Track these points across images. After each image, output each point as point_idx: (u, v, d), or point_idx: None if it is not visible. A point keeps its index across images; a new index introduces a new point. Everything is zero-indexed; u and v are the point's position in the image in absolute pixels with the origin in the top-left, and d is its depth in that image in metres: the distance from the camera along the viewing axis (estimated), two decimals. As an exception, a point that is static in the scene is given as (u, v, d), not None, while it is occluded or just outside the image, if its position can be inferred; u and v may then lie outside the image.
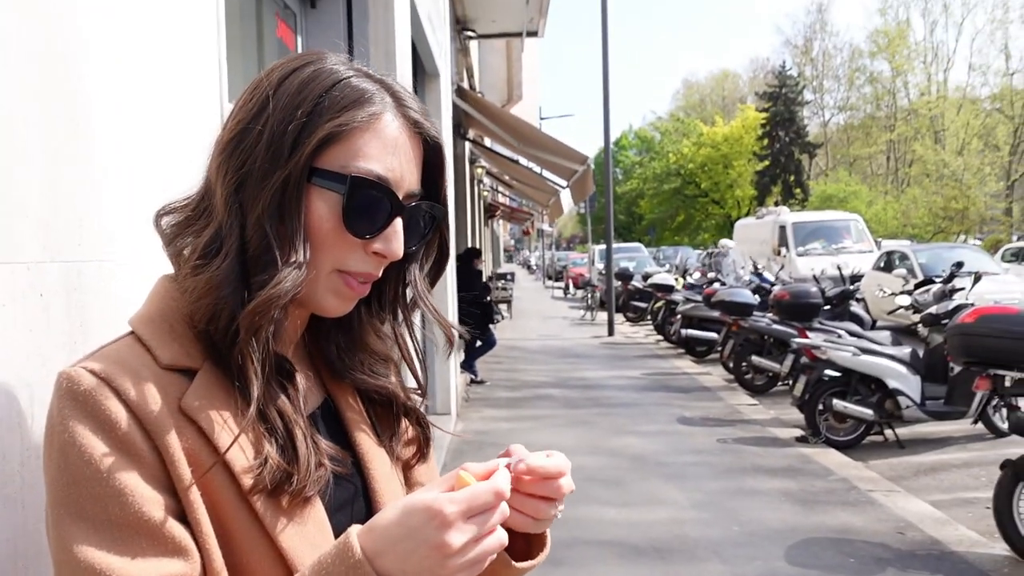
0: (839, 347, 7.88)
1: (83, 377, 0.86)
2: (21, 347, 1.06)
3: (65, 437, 0.84)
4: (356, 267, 0.98)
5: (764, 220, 22.70)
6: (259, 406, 0.91)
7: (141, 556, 0.83)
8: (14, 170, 1.05)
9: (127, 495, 0.83)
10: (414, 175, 1.02)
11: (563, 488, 0.96)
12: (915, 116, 51.34)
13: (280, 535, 0.91)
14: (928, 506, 5.96)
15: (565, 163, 11.68)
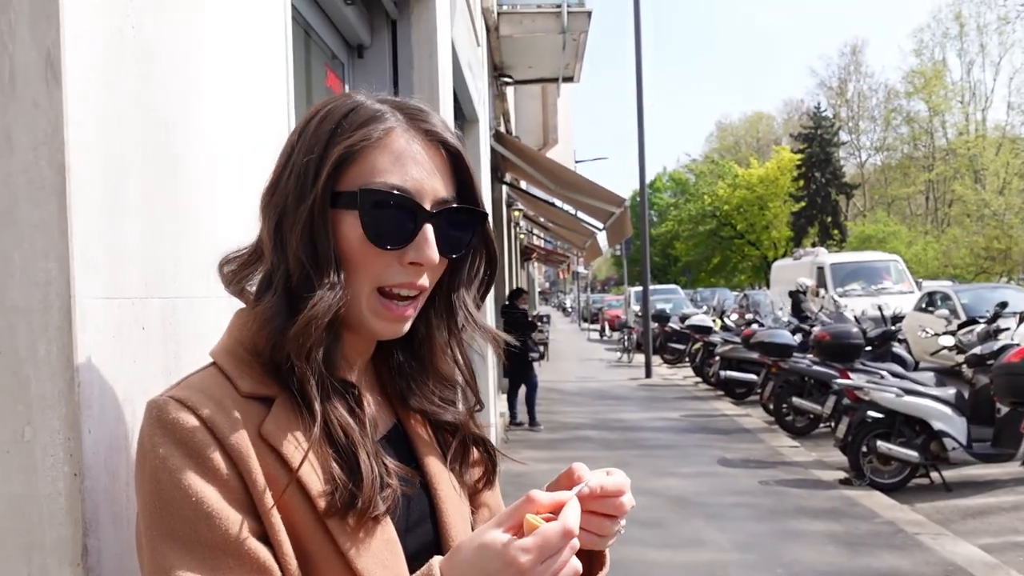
0: (882, 388, 7.82)
1: (171, 406, 0.93)
2: (127, 375, 1.15)
3: (156, 463, 0.91)
4: (394, 279, 1.01)
5: (802, 261, 22.58)
6: (324, 427, 0.97)
7: (229, 575, 0.89)
8: (123, 218, 1.16)
9: (214, 517, 0.90)
10: (442, 184, 1.04)
11: (625, 505, 1.01)
12: (953, 156, 50.89)
13: (354, 556, 0.95)
14: (978, 550, 5.87)
15: (601, 205, 11.78)
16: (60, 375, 1.03)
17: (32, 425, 1.03)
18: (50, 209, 1.02)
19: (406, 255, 1.01)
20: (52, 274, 1.03)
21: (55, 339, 1.03)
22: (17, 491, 1.03)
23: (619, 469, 1.04)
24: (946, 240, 41.52)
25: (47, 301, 1.03)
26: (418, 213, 1.01)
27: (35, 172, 1.02)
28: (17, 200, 1.02)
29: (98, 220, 1.09)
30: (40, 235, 1.02)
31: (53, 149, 1.02)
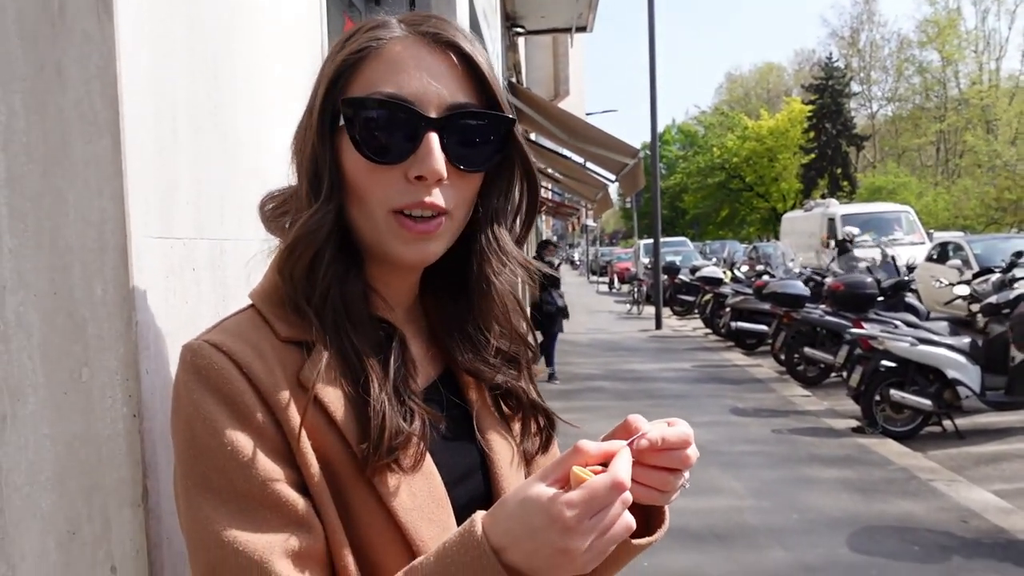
0: (896, 337, 7.81)
1: (205, 350, 0.89)
2: (179, 316, 1.14)
3: (191, 410, 0.87)
4: (404, 199, 0.93)
5: (812, 212, 22.47)
6: (352, 369, 0.92)
7: (266, 528, 0.84)
8: (174, 156, 1.14)
9: (251, 467, 0.85)
10: (455, 88, 0.94)
11: (689, 458, 0.92)
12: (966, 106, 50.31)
13: (397, 508, 0.90)
14: (991, 495, 5.90)
15: (614, 156, 11.70)
16: (117, 315, 1.02)
17: (89, 366, 1.02)
18: (104, 145, 1.00)
19: (410, 169, 0.92)
20: (107, 212, 1.01)
21: (111, 279, 1.01)
22: (76, 433, 1.02)
23: (682, 420, 0.94)
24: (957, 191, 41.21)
25: (102, 240, 1.01)
26: (417, 121, 0.92)
27: (87, 106, 1.00)
28: (70, 136, 1.00)
29: (151, 157, 1.07)
30: (94, 172, 1.00)
31: (105, 83, 1.00)
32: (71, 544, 1.02)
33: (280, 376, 0.90)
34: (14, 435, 1.01)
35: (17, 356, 1.01)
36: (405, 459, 0.92)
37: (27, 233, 1.01)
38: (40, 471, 1.02)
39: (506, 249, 1.06)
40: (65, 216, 1.01)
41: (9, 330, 1.01)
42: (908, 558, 4.76)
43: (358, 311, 0.96)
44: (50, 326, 1.01)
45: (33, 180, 1.00)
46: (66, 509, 1.02)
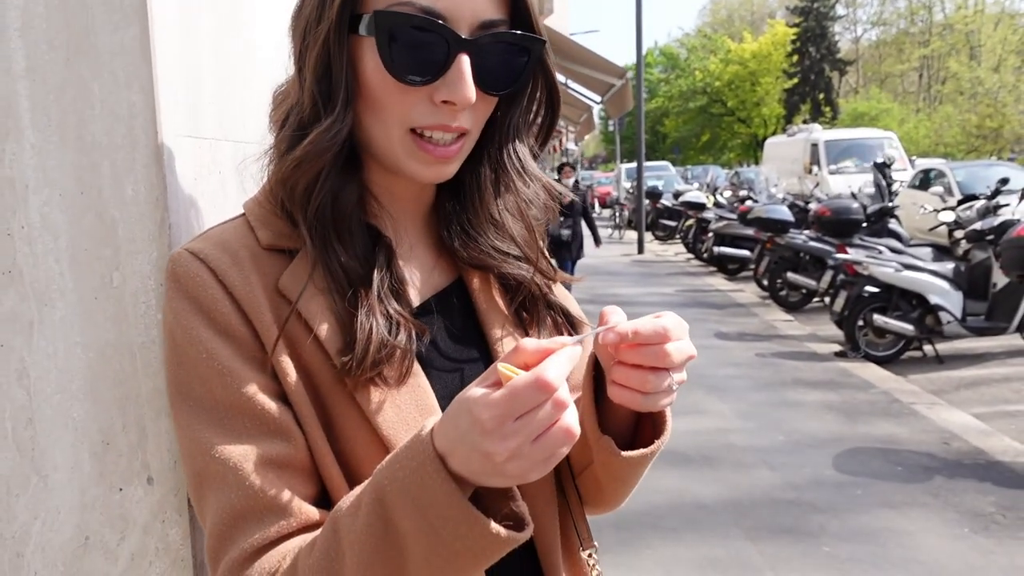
0: (881, 263, 7.85)
1: (184, 258, 0.87)
2: (209, 221, 1.09)
3: (171, 318, 0.86)
4: (424, 120, 0.87)
5: (795, 138, 22.30)
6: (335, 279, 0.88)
7: (245, 435, 0.83)
8: (199, 51, 1.07)
9: (228, 375, 0.84)
10: (488, 4, 0.87)
11: (672, 355, 0.82)
12: (950, 31, 49.90)
13: (381, 422, 0.86)
14: (971, 418, 6.02)
15: (601, 77, 11.52)
16: (149, 217, 0.96)
17: (120, 270, 0.97)
18: (132, 34, 0.93)
19: (437, 92, 0.86)
20: (137, 106, 0.94)
21: (143, 178, 0.96)
22: (108, 340, 0.98)
23: (671, 313, 0.85)
24: (938, 118, 41.13)
25: (132, 136, 0.95)
26: (450, 41, 0.85)
27: (114, -9, 0.93)
28: (94, 24, 0.93)
29: (178, 50, 1.00)
30: (121, 63, 0.94)
31: (132, -35, 0.92)
32: (105, 454, 0.99)
33: (256, 284, 0.87)
34: (42, 342, 0.96)
35: (43, 259, 0.96)
36: (390, 372, 0.87)
37: (51, 127, 0.94)
38: (71, 380, 0.97)
39: (528, 168, 1.00)
40: (91, 109, 0.94)
41: (33, 231, 0.95)
42: (892, 478, 4.86)
43: (348, 218, 0.91)
44: (78, 227, 0.96)
45: (56, 69, 0.93)
46: (99, 419, 0.98)
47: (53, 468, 0.98)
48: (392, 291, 0.91)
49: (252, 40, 1.28)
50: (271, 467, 0.83)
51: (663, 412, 0.94)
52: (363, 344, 0.85)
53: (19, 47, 0.93)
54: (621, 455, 0.93)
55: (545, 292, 1.04)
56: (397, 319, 0.89)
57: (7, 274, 0.95)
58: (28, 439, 0.98)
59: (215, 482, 0.82)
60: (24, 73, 0.93)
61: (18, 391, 0.97)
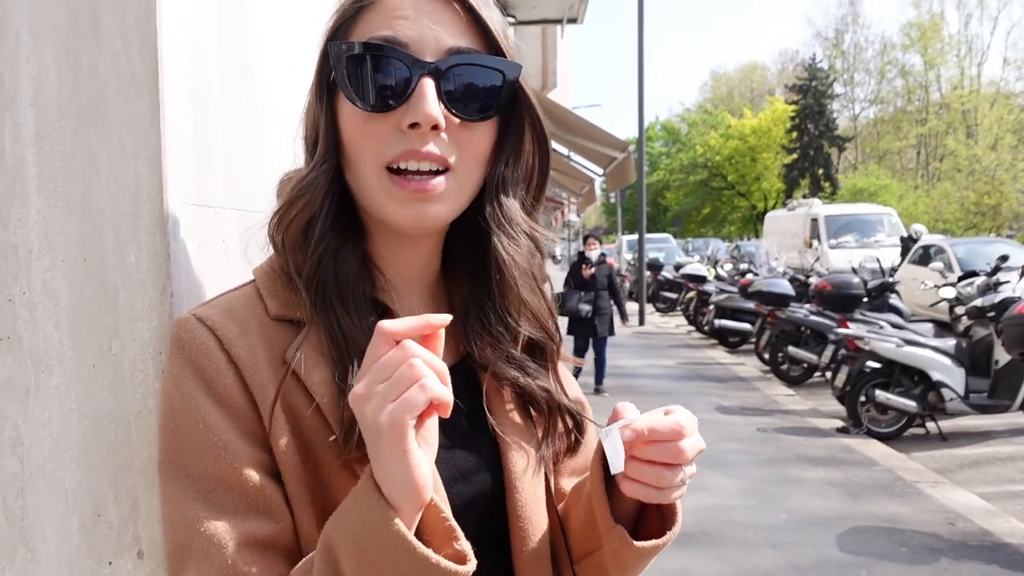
0: (883, 338, 7.83)
1: (191, 324, 0.86)
2: (211, 290, 1.08)
3: (171, 384, 0.85)
4: (395, 151, 0.86)
5: (796, 212, 22.52)
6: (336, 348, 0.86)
7: (232, 512, 0.82)
8: (208, 119, 1.08)
9: (222, 448, 0.83)
10: (455, 34, 0.87)
11: (685, 452, 0.84)
12: (947, 110, 50.70)
13: None
14: (976, 498, 5.92)
15: (603, 150, 11.66)
16: (151, 284, 0.96)
17: (120, 338, 0.96)
18: (142, 104, 0.94)
19: (404, 118, 0.85)
20: (143, 175, 0.95)
21: (146, 245, 0.95)
22: (104, 408, 0.96)
23: (680, 407, 0.87)
24: (937, 195, 41.54)
25: (137, 204, 0.95)
26: (410, 66, 0.84)
27: (125, 62, 0.94)
28: (105, 93, 0.94)
29: (189, 120, 1.01)
30: (130, 132, 0.94)
31: (144, 37, 0.93)
32: (96, 526, 0.96)
33: (262, 355, 0.86)
34: (38, 409, 0.95)
35: (42, 325, 0.95)
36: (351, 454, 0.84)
37: (56, 194, 0.94)
38: (65, 448, 0.96)
39: (512, 218, 0.96)
40: (98, 177, 0.95)
41: (35, 297, 0.94)
42: (897, 559, 4.76)
43: (350, 287, 0.89)
44: (79, 294, 0.95)
45: (64, 138, 0.94)
46: (91, 489, 0.96)
47: (42, 540, 0.96)
48: None
49: (262, 109, 1.29)
50: (255, 547, 0.81)
51: (674, 505, 0.94)
52: (348, 425, 0.83)
53: (30, 115, 0.93)
54: (634, 545, 0.92)
55: (551, 391, 1.01)
56: None
57: (6, 340, 0.94)
58: (18, 509, 0.95)
59: (197, 556, 0.81)
60: (33, 140, 0.94)
61: (11, 460, 0.95)
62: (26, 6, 0.93)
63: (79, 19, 0.93)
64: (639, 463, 0.84)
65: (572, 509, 1.03)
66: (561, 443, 1.03)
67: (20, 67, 0.93)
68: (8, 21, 0.93)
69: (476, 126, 0.90)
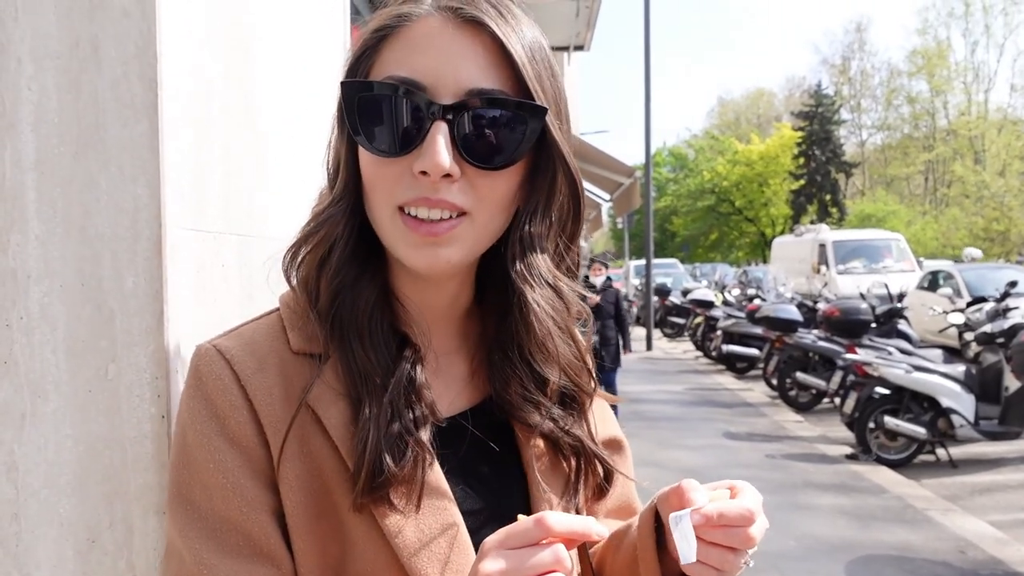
0: (891, 364, 7.78)
1: (211, 355, 0.84)
2: (210, 315, 1.08)
3: (185, 416, 0.84)
4: (407, 195, 0.82)
5: (803, 238, 22.48)
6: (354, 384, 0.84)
7: (235, 554, 0.80)
8: (208, 144, 1.09)
9: (231, 489, 0.81)
10: (474, 72, 0.81)
11: (752, 539, 0.80)
12: (954, 137, 50.75)
13: (400, 547, 0.81)
14: (987, 526, 5.85)
15: (610, 175, 11.69)
16: (148, 309, 0.96)
17: (116, 363, 0.96)
18: (141, 129, 0.94)
19: (415, 164, 0.80)
20: (141, 200, 0.95)
21: (143, 271, 0.96)
22: (100, 434, 0.96)
23: (748, 485, 0.84)
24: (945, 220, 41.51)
25: (135, 229, 0.95)
26: (423, 108, 0.80)
27: (125, 88, 0.94)
28: (104, 119, 0.95)
29: (188, 145, 1.02)
30: (129, 157, 0.95)
31: (144, 64, 0.94)
32: (90, 552, 0.96)
33: (278, 393, 0.84)
34: (33, 434, 0.95)
35: (39, 350, 0.95)
36: (396, 499, 0.82)
37: (55, 219, 0.95)
38: (60, 474, 0.95)
39: (538, 271, 0.90)
40: (96, 202, 0.95)
41: (32, 322, 0.94)
42: (907, 587, 4.70)
43: (368, 319, 0.86)
44: (76, 319, 0.95)
45: (64, 163, 0.94)
46: (86, 515, 0.96)
47: (36, 566, 0.95)
48: (410, 404, 0.85)
49: (262, 133, 1.30)
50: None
51: None
52: (359, 465, 0.81)
53: (30, 140, 0.94)
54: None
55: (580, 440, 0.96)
56: (406, 439, 0.83)
57: (3, 365, 0.94)
58: (12, 535, 0.95)
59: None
60: (33, 165, 0.94)
61: (6, 485, 0.95)
62: (28, 33, 0.94)
63: (80, 46, 0.94)
64: (703, 544, 0.79)
65: (608, 560, 0.98)
66: (588, 489, 0.99)
67: (21, 93, 0.94)
68: (10, 48, 0.93)
69: (496, 174, 0.84)
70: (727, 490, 0.83)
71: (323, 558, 0.82)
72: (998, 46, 56.31)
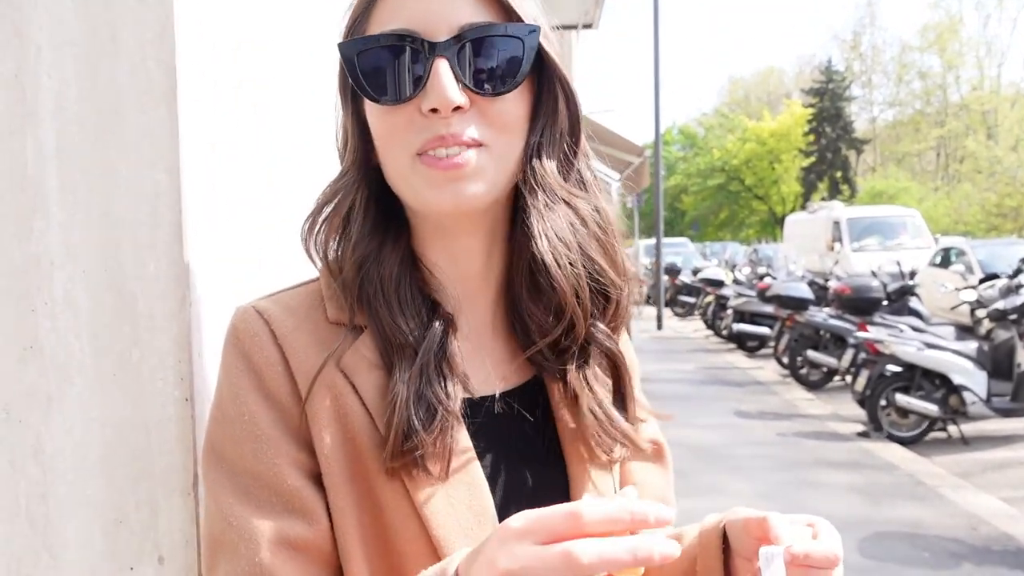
0: (903, 341, 7.78)
1: (249, 315, 0.86)
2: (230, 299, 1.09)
3: (222, 373, 0.86)
4: (421, 138, 0.83)
5: (817, 215, 22.20)
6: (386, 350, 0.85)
7: (267, 510, 0.81)
8: (225, 131, 1.09)
9: (263, 442, 0.82)
10: (465, 9, 0.83)
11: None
12: (966, 112, 50.36)
13: (429, 516, 0.82)
14: (999, 502, 5.87)
15: (619, 155, 11.66)
16: (170, 293, 0.97)
17: (139, 346, 0.97)
18: (159, 115, 0.95)
19: (423, 104, 0.82)
20: (161, 185, 0.96)
21: (164, 255, 0.97)
22: (124, 416, 0.98)
23: (827, 523, 0.82)
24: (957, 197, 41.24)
25: (156, 214, 0.96)
26: (422, 49, 0.81)
27: (143, 75, 0.95)
28: (123, 106, 0.96)
29: (204, 130, 1.02)
30: (148, 143, 0.96)
31: (162, 50, 0.95)
32: (117, 532, 0.98)
33: (314, 354, 0.85)
34: (59, 417, 0.96)
35: (64, 335, 0.96)
36: (432, 465, 0.82)
37: (76, 206, 0.96)
38: (86, 456, 0.97)
39: (548, 184, 0.88)
40: (117, 188, 0.96)
41: (56, 307, 0.96)
42: (919, 564, 4.72)
43: (396, 288, 0.87)
44: (99, 304, 0.96)
45: (84, 150, 0.95)
46: (113, 496, 0.97)
47: (63, 546, 0.97)
48: (440, 371, 0.85)
49: (279, 116, 1.31)
50: (285, 547, 0.80)
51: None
52: (390, 429, 0.81)
53: (50, 129, 0.95)
54: None
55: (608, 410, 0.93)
56: (435, 406, 0.83)
57: (28, 349, 0.96)
58: (41, 515, 0.97)
59: (227, 551, 0.81)
60: (54, 153, 0.95)
61: (33, 467, 0.96)
62: (46, 21, 0.94)
63: (98, 32, 0.95)
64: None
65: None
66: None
67: (41, 81, 0.95)
68: (29, 36, 0.94)
69: (504, 98, 0.85)
70: (808, 527, 0.81)
71: (359, 518, 0.83)
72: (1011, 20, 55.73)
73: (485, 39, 0.82)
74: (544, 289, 0.88)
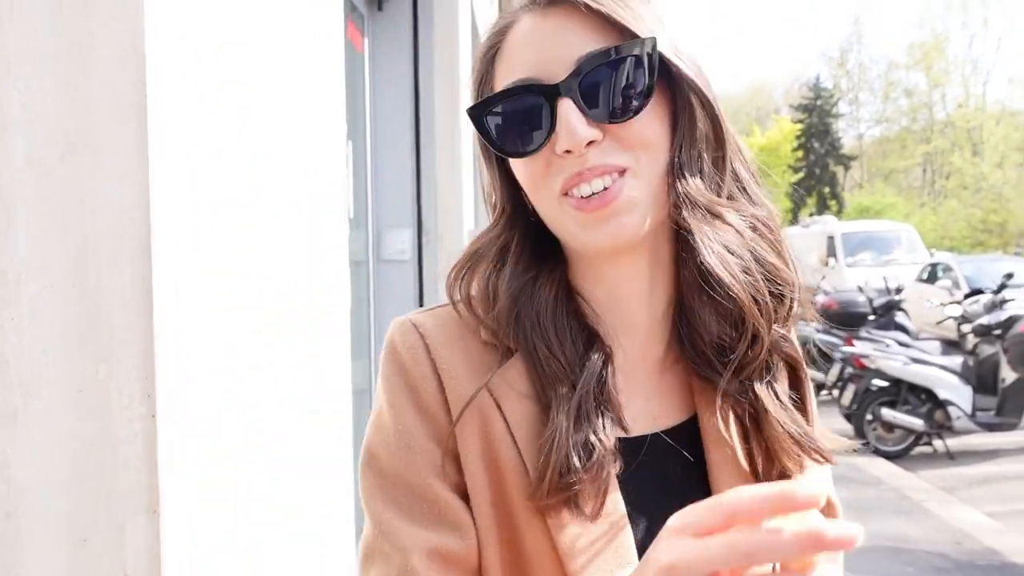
0: (889, 356, 7.80)
1: (405, 327, 0.87)
2: (198, 315, 1.09)
3: (381, 382, 0.87)
4: (562, 178, 0.82)
5: (811, 230, 22.10)
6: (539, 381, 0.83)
7: (419, 520, 0.81)
8: (196, 146, 1.09)
9: (417, 454, 0.83)
10: (577, 41, 0.81)
11: None
12: (952, 129, 50.74)
13: (566, 555, 0.79)
14: (984, 517, 5.87)
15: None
16: (138, 308, 0.96)
17: (107, 362, 0.97)
18: (131, 129, 0.95)
19: (557, 147, 0.81)
20: (131, 200, 0.96)
21: (132, 270, 0.96)
22: (91, 433, 0.97)
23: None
24: (943, 212, 41.51)
25: (124, 229, 0.96)
26: (542, 95, 0.81)
27: (114, 89, 0.95)
28: (93, 119, 0.95)
29: (174, 144, 1.02)
30: (120, 157, 0.95)
31: (135, 64, 0.95)
32: (81, 552, 0.97)
33: (464, 372, 0.84)
34: (25, 433, 0.95)
35: (30, 350, 0.95)
36: (583, 503, 0.80)
37: (44, 220, 0.95)
38: (51, 473, 0.96)
39: (703, 200, 0.84)
40: (86, 202, 0.96)
41: (23, 321, 0.95)
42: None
43: (552, 316, 0.86)
44: (66, 318, 0.96)
45: (53, 163, 0.95)
46: (78, 514, 0.96)
47: (27, 565, 0.96)
48: (599, 409, 0.83)
49: (255, 129, 1.31)
50: (437, 559, 0.79)
51: None
52: (546, 463, 0.79)
53: (19, 141, 0.95)
54: None
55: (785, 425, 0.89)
56: (593, 443, 0.80)
57: (-6, 365, 0.95)
58: (7, 533, 0.96)
59: (380, 560, 0.81)
60: (24, 166, 0.95)
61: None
62: (18, 35, 0.94)
63: (70, 47, 0.95)
64: None
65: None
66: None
67: (11, 95, 0.94)
68: (3, 49, 0.94)
69: (636, 119, 0.82)
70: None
71: (499, 542, 0.82)
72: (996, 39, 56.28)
73: (602, 66, 0.80)
74: (720, 302, 0.84)
